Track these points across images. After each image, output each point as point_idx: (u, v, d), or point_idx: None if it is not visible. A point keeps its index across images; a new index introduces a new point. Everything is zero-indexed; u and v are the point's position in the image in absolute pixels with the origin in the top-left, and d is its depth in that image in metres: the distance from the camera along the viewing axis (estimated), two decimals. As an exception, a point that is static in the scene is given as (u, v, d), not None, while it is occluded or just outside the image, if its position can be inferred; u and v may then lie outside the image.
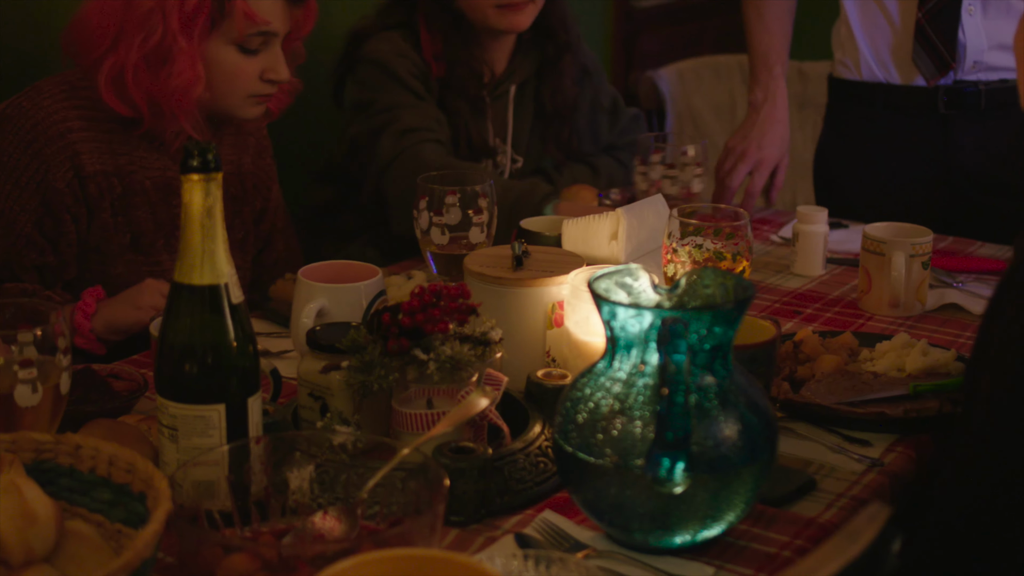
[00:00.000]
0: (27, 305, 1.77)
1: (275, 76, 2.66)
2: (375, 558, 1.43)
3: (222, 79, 2.62)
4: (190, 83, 2.56)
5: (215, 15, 2.57)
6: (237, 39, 2.60)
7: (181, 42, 2.53)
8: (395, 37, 3.20)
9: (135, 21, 2.54)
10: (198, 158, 1.67)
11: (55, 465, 1.65)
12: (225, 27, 2.59)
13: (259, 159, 2.92)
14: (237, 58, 2.62)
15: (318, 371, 1.91)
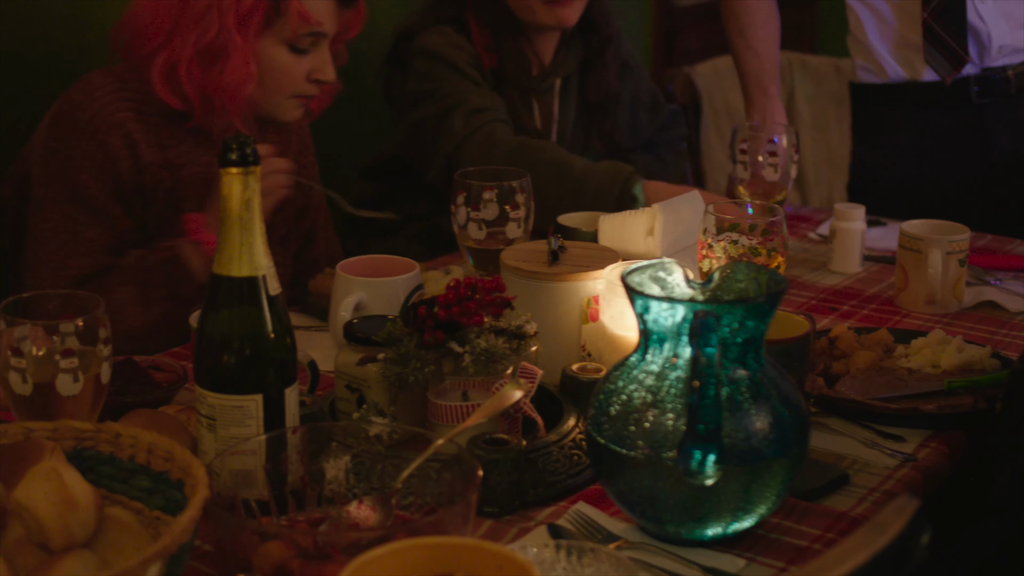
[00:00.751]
0: (69, 296, 1.80)
1: (322, 77, 2.69)
2: (408, 546, 1.45)
3: (271, 77, 2.66)
4: (243, 80, 2.59)
5: (270, 14, 2.60)
6: (289, 39, 2.63)
7: (236, 39, 2.57)
8: (447, 31, 3.24)
9: (191, 17, 2.57)
10: (236, 151, 1.69)
11: (95, 453, 1.67)
12: (278, 26, 2.62)
13: (301, 157, 2.95)
14: (287, 57, 2.65)
15: (355, 363, 1.94)
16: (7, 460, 1.60)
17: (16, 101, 3.08)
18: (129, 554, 1.46)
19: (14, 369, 1.73)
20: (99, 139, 2.58)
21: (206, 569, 1.67)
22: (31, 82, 3.11)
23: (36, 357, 1.73)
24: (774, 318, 1.80)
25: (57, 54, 3.20)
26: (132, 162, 2.60)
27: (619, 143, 3.49)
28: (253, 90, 2.63)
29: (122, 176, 2.60)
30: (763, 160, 2.83)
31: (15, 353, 1.73)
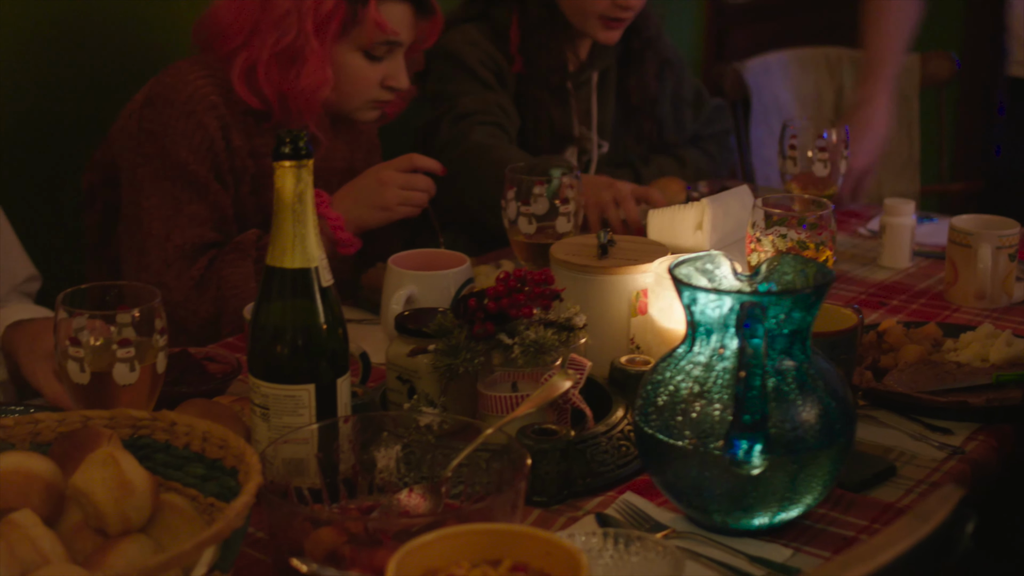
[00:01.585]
0: (127, 287, 1.83)
1: (395, 84, 2.75)
2: (457, 532, 1.47)
3: (346, 83, 2.71)
4: (319, 84, 2.65)
5: (347, 21, 2.66)
6: (365, 45, 2.69)
7: (313, 44, 2.62)
8: (469, 29, 3.27)
9: (271, 20, 2.63)
10: (290, 145, 1.72)
11: (151, 441, 1.70)
12: (355, 33, 2.68)
13: (369, 157, 3.00)
14: (362, 64, 2.71)
15: (406, 354, 1.96)
16: (66, 447, 1.63)
17: (96, 94, 3.14)
18: (184, 539, 1.48)
19: (72, 358, 1.76)
20: (196, 119, 2.64)
21: (259, 555, 1.70)
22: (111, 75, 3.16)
23: (94, 347, 1.76)
24: (822, 311, 1.81)
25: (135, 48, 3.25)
26: (225, 143, 2.67)
27: (659, 141, 3.50)
28: (328, 94, 2.68)
29: (219, 155, 2.67)
30: (813, 155, 2.84)
31: (73, 343, 1.76)
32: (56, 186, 3.09)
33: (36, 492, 1.53)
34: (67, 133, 3.12)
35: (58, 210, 3.09)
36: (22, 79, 3.04)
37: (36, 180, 3.07)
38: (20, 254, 2.53)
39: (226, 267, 2.62)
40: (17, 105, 3.04)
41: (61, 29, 3.08)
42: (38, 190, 3.07)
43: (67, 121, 3.12)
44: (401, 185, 2.65)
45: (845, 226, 3.13)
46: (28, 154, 3.06)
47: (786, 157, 2.86)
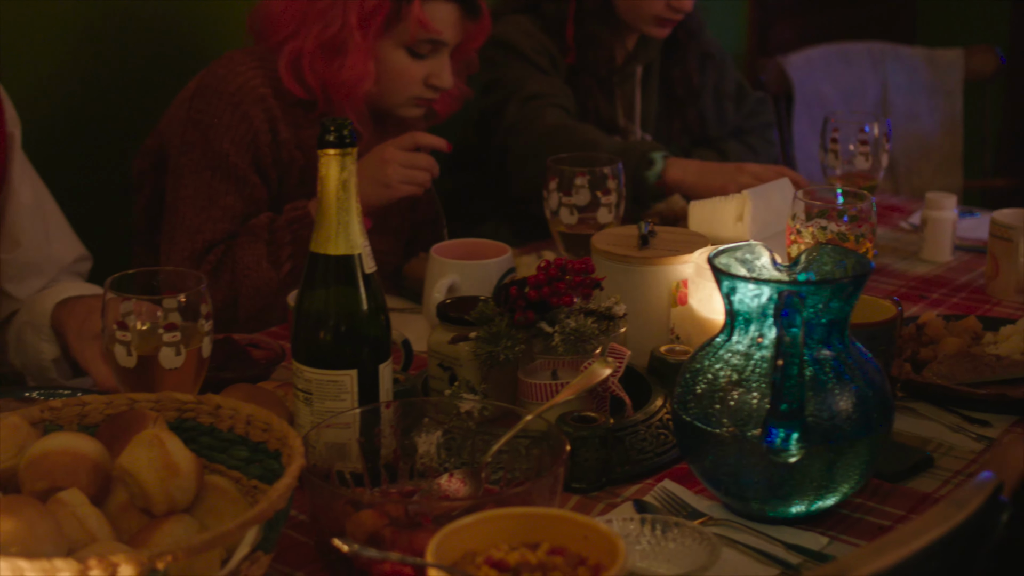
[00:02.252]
0: (173, 273, 1.86)
1: (438, 83, 2.77)
2: (496, 515, 1.50)
3: (389, 78, 2.74)
4: (360, 77, 2.68)
5: (391, 17, 2.69)
6: (408, 43, 2.72)
7: (357, 37, 2.66)
8: (520, 19, 3.29)
9: (317, 11, 2.68)
10: (334, 133, 1.74)
11: (196, 424, 1.73)
12: (399, 30, 2.70)
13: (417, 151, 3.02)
14: (405, 60, 2.74)
15: (447, 342, 1.98)
16: (113, 429, 1.66)
17: (151, 81, 3.18)
18: (228, 520, 1.50)
19: (119, 342, 1.79)
20: (243, 111, 2.67)
21: (301, 538, 1.72)
22: (165, 63, 3.21)
23: (140, 331, 1.79)
24: (861, 303, 1.82)
25: (190, 37, 3.29)
26: (271, 136, 2.70)
27: (705, 132, 3.52)
28: (370, 88, 2.70)
29: (262, 148, 2.69)
30: (854, 148, 2.84)
31: (120, 327, 1.79)
32: (107, 172, 3.12)
33: (84, 472, 1.56)
34: (119, 120, 3.16)
35: (108, 196, 3.12)
36: (77, 66, 3.08)
37: (87, 166, 3.11)
38: (69, 235, 2.57)
39: (238, 250, 2.66)
40: (71, 91, 3.08)
41: (117, 15, 3.12)
42: (89, 176, 3.10)
43: (119, 108, 3.16)
44: (402, 163, 2.64)
45: (887, 220, 3.13)
46: (81, 140, 3.10)
47: (827, 150, 2.86)
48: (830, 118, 2.89)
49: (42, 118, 2.63)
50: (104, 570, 1.36)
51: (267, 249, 2.65)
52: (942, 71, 4.49)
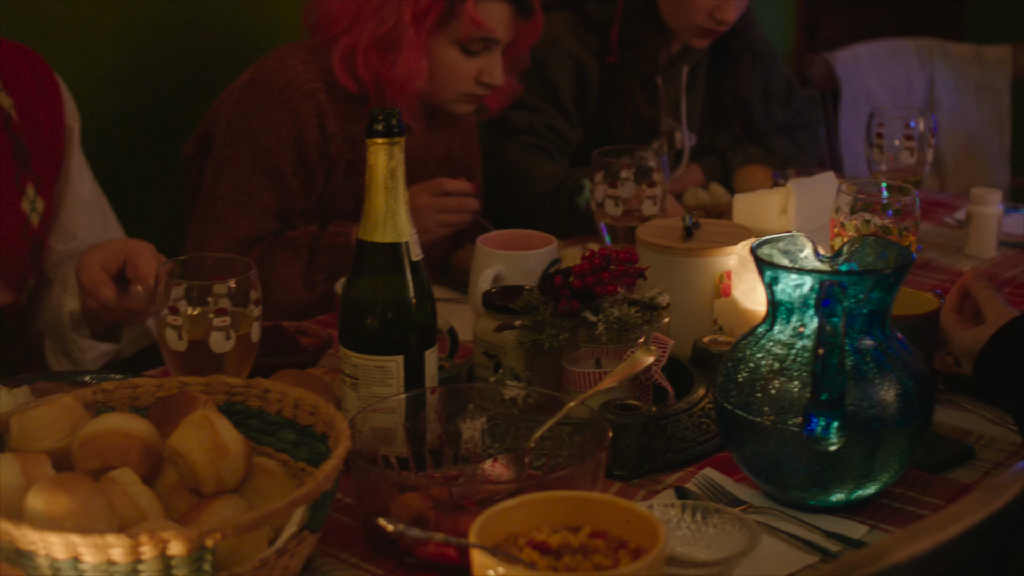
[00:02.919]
0: (223, 259, 1.89)
1: (490, 80, 2.80)
2: (539, 498, 1.52)
3: (441, 75, 2.77)
4: (413, 74, 2.71)
5: (445, 15, 2.73)
6: (461, 40, 2.75)
7: (410, 34, 2.69)
8: (556, 21, 3.28)
9: (372, 7, 2.72)
10: (383, 122, 1.77)
11: (245, 407, 1.76)
12: (452, 27, 2.73)
13: (467, 146, 3.05)
14: (458, 58, 2.77)
15: (493, 330, 2.00)
16: (163, 411, 1.70)
17: (204, 73, 3.23)
18: (275, 501, 1.53)
19: (171, 326, 1.82)
20: (291, 107, 2.71)
21: (347, 520, 1.75)
22: (219, 55, 3.25)
23: (191, 316, 1.82)
24: (904, 295, 1.84)
25: (244, 29, 3.34)
26: (319, 132, 2.73)
27: (752, 131, 3.53)
28: (423, 84, 2.73)
29: (307, 145, 2.73)
30: (899, 144, 2.85)
31: (172, 311, 1.82)
32: (160, 162, 3.17)
33: (135, 452, 1.59)
34: (173, 111, 3.21)
35: (161, 185, 3.17)
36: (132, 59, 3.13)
37: (140, 157, 3.15)
38: (118, 224, 2.61)
39: (277, 263, 2.70)
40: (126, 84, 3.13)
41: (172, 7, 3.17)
42: (141, 166, 3.15)
43: (173, 100, 3.21)
44: (435, 208, 2.70)
45: (932, 216, 3.13)
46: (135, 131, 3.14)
47: (872, 145, 2.87)
48: (876, 113, 2.90)
49: (98, 110, 2.67)
50: (155, 546, 1.39)
51: (304, 268, 2.68)
52: (990, 68, 4.47)
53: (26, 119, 2.39)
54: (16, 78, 2.39)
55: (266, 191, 2.72)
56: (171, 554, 1.40)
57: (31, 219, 2.38)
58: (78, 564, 1.40)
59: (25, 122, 2.38)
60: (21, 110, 2.38)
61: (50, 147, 2.43)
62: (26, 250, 2.39)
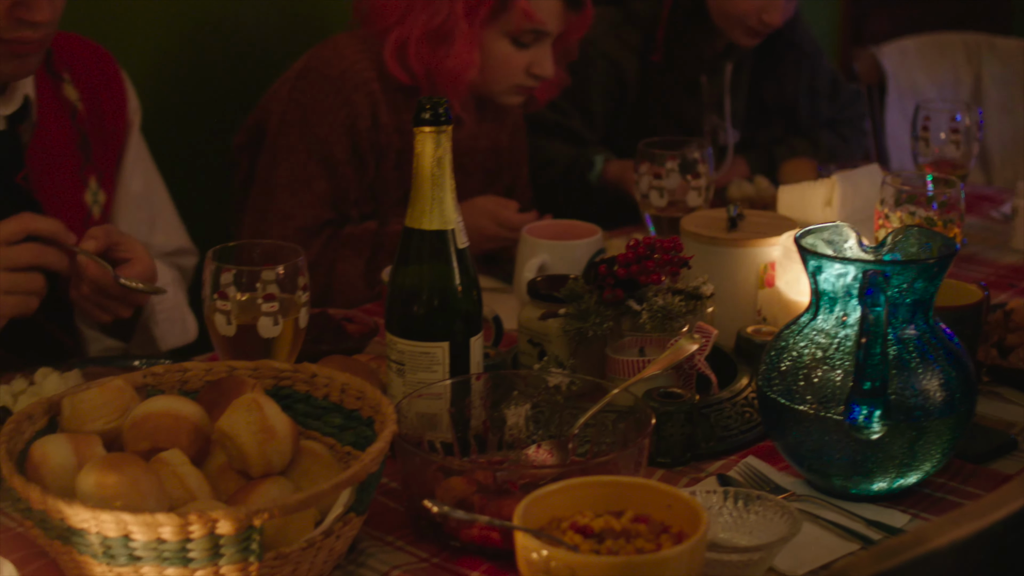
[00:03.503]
0: (271, 246, 1.92)
1: (540, 71, 2.82)
2: (582, 483, 1.54)
3: (492, 67, 2.79)
4: (465, 66, 2.73)
5: (496, 7, 2.75)
6: (512, 32, 2.76)
7: (463, 26, 2.71)
8: (605, 12, 3.30)
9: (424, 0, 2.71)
10: (430, 111, 1.79)
11: (292, 391, 1.79)
12: (503, 20, 2.75)
13: (514, 138, 3.07)
14: (509, 50, 2.78)
15: (537, 318, 2.02)
16: (212, 394, 1.72)
17: (256, 63, 3.26)
18: (322, 483, 1.55)
19: (220, 311, 1.85)
20: (344, 96, 2.73)
21: (392, 504, 1.77)
22: (271, 45, 3.28)
23: (240, 301, 1.85)
24: (948, 287, 1.85)
25: (297, 19, 3.36)
26: (371, 121, 2.76)
27: (797, 127, 3.53)
28: (474, 76, 2.75)
29: (360, 134, 2.75)
30: (945, 137, 2.85)
31: (221, 296, 1.84)
32: (213, 149, 3.20)
33: (184, 433, 1.61)
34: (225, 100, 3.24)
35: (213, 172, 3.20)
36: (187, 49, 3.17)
37: (194, 145, 3.19)
38: (176, 226, 2.64)
39: (340, 261, 2.72)
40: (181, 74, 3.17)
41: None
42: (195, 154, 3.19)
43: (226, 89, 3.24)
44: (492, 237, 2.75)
45: (978, 209, 3.13)
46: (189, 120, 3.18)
47: (918, 139, 2.87)
48: (921, 107, 2.90)
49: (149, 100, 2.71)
50: (204, 525, 1.41)
51: (366, 268, 2.71)
52: None
53: (91, 112, 2.42)
54: (84, 72, 2.43)
55: (320, 179, 2.75)
56: (219, 533, 1.42)
57: (92, 211, 2.42)
58: (129, 542, 1.42)
59: (90, 115, 2.42)
60: (87, 103, 2.42)
61: (113, 141, 2.47)
62: None
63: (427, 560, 1.64)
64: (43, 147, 2.33)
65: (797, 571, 1.60)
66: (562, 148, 3.29)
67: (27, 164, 2.30)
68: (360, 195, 2.82)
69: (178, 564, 1.44)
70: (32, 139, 2.32)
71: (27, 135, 2.31)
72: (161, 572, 1.44)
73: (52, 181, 2.34)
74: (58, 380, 1.98)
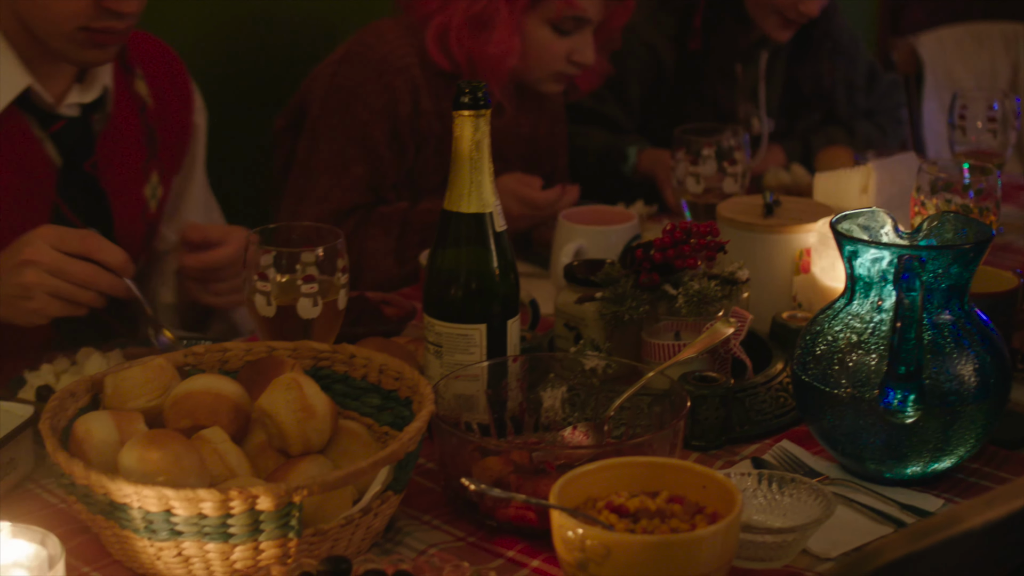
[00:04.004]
0: (311, 228, 1.94)
1: (581, 59, 2.83)
2: (617, 463, 1.55)
3: (533, 53, 2.80)
4: (506, 52, 2.74)
5: None
6: (553, 19, 2.77)
7: (503, 12, 2.72)
8: (642, 2, 3.30)
9: None
10: (469, 95, 1.80)
11: (331, 372, 1.81)
12: (544, 7, 2.77)
13: (554, 127, 3.08)
14: (550, 37, 2.79)
15: (574, 302, 2.03)
16: (252, 373, 1.74)
17: (298, 43, 3.28)
18: (360, 461, 1.57)
19: (260, 292, 1.87)
20: (386, 80, 2.75)
21: (429, 484, 1.78)
22: (313, 26, 3.30)
23: (280, 282, 1.87)
24: (983, 274, 1.85)
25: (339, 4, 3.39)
26: (412, 107, 2.77)
27: (834, 117, 3.53)
28: (514, 63, 2.76)
29: (400, 119, 2.77)
30: (982, 126, 2.85)
31: (261, 278, 1.87)
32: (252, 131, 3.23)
33: (225, 412, 1.63)
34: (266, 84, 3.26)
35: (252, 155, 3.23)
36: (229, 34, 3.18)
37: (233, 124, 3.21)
38: (217, 216, 2.68)
39: (369, 239, 2.74)
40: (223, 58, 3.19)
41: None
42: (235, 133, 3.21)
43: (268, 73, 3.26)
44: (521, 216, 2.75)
45: (1014, 198, 3.13)
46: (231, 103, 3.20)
47: (955, 127, 2.87)
48: (958, 95, 2.90)
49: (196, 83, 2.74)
50: (244, 501, 1.43)
51: (396, 246, 2.73)
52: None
53: (159, 109, 2.47)
54: (154, 69, 2.48)
55: (359, 163, 2.77)
56: (260, 509, 1.44)
57: (150, 204, 2.47)
58: (170, 517, 1.44)
59: (158, 112, 2.47)
60: (156, 100, 2.46)
61: (177, 140, 2.52)
62: (142, 233, 2.48)
63: (463, 539, 1.66)
64: (113, 138, 2.37)
65: (831, 553, 1.61)
66: (597, 135, 3.30)
67: (97, 152, 2.34)
68: (399, 180, 2.84)
69: (218, 539, 1.46)
70: (104, 129, 2.36)
71: (100, 125, 2.36)
72: (202, 547, 1.47)
73: (118, 171, 2.39)
74: (100, 360, 2.00)
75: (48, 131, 2.27)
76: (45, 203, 2.27)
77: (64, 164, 2.29)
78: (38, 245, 1.95)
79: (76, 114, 2.30)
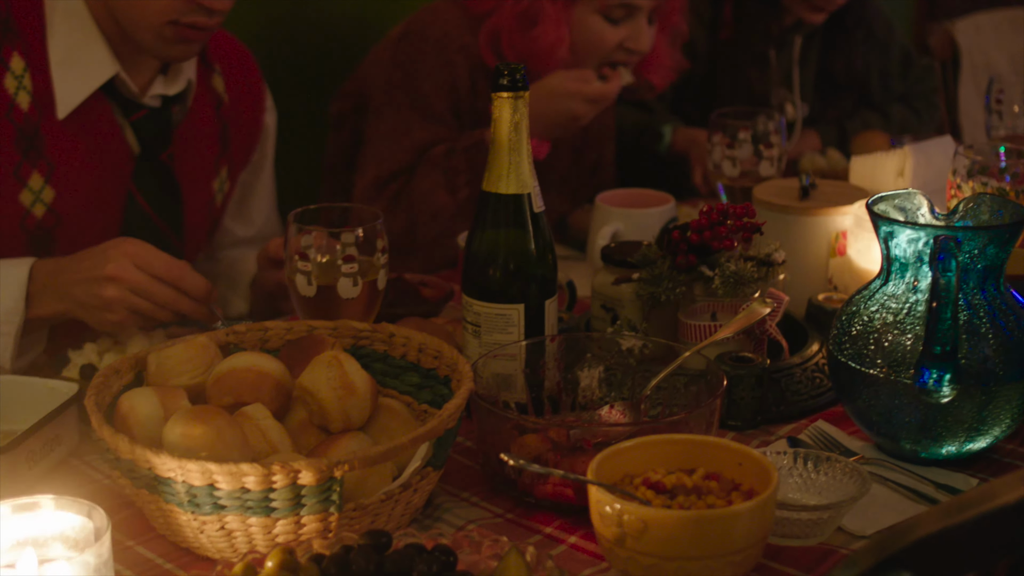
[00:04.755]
0: (352, 208, 1.96)
1: (633, 46, 2.84)
2: (654, 440, 1.57)
3: (584, 43, 2.81)
4: (555, 44, 2.76)
5: None
6: (601, 8, 2.79)
7: (547, 7, 2.73)
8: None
9: None
10: (507, 77, 1.81)
11: (371, 351, 1.83)
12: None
13: (602, 115, 3.08)
14: (601, 25, 2.80)
15: (611, 283, 2.05)
16: (293, 352, 1.76)
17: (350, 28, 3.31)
18: (400, 438, 1.59)
19: (301, 272, 1.89)
20: (446, 57, 2.78)
21: (468, 462, 1.80)
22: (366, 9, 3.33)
23: (320, 262, 1.89)
24: (1019, 255, 1.85)
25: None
26: (471, 84, 2.80)
27: (869, 102, 3.54)
28: (565, 54, 2.77)
29: (461, 94, 2.80)
30: (1019, 110, 2.85)
31: (302, 257, 1.89)
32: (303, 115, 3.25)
33: (267, 389, 1.66)
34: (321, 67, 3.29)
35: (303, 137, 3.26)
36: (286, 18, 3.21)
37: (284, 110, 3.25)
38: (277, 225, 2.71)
39: (417, 179, 2.75)
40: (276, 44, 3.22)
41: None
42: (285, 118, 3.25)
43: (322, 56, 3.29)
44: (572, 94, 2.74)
45: (1051, 184, 3.12)
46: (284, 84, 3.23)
47: (991, 111, 2.87)
48: (995, 79, 2.90)
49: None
50: (286, 475, 1.45)
51: (444, 178, 2.74)
52: None
53: (234, 106, 2.51)
54: (229, 67, 2.52)
55: (421, 130, 2.79)
56: (301, 483, 1.46)
57: (217, 198, 2.51)
58: (213, 491, 1.47)
59: (233, 109, 2.50)
60: (231, 97, 2.49)
61: (247, 137, 2.56)
62: (208, 225, 2.53)
63: (502, 516, 1.67)
64: (190, 130, 2.42)
65: (866, 531, 1.63)
66: (630, 114, 3.32)
67: (174, 143, 2.38)
68: None
69: (261, 513, 1.48)
70: (183, 121, 2.40)
71: (179, 117, 2.40)
72: (244, 521, 1.49)
73: (191, 164, 2.43)
74: (142, 339, 2.03)
75: (130, 119, 2.31)
76: (120, 189, 2.31)
77: (141, 152, 2.33)
78: (123, 263, 1.96)
79: (157, 105, 2.34)
